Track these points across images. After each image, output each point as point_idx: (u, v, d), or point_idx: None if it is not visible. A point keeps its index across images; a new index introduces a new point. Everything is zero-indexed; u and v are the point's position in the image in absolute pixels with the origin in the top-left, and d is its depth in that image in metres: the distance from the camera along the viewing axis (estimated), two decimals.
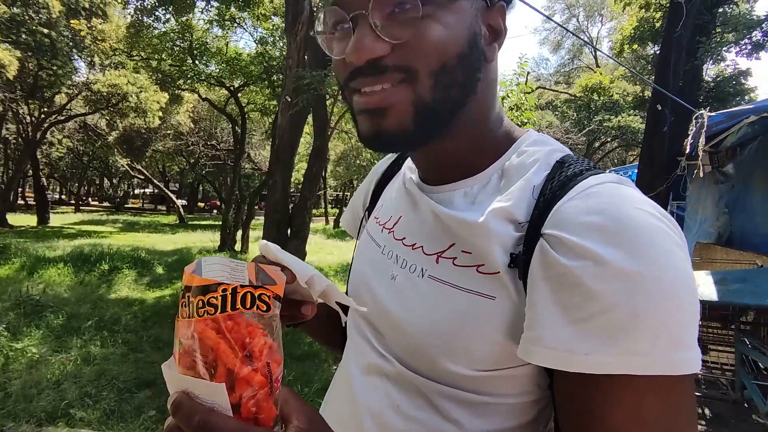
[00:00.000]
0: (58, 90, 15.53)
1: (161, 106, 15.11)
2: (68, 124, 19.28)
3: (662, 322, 0.38)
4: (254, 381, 0.37)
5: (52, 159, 24.18)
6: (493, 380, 0.49)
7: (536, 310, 0.43)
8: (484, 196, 0.53)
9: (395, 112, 0.48)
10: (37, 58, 13.25)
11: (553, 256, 0.43)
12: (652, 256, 0.39)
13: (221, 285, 0.37)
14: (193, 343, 0.36)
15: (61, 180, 33.05)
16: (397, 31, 0.46)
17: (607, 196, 0.44)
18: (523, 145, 0.56)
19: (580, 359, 0.40)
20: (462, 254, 0.51)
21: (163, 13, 9.88)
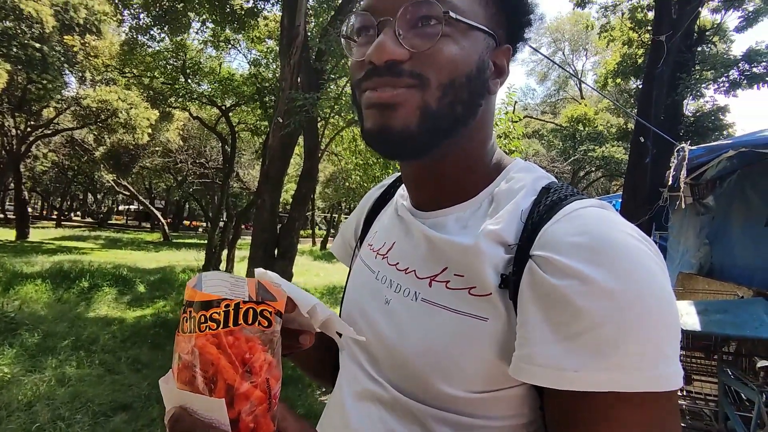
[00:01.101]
0: (47, 104, 15.42)
1: (151, 123, 15.07)
2: (54, 139, 19.09)
3: (647, 337, 0.40)
4: (253, 396, 0.37)
5: (35, 173, 23.78)
6: (486, 402, 0.49)
7: (526, 328, 0.45)
8: (475, 221, 0.56)
9: (402, 110, 0.51)
10: (27, 72, 13.19)
11: (541, 275, 0.45)
12: (634, 274, 0.42)
13: (224, 300, 0.38)
14: (193, 357, 0.37)
15: (43, 194, 32.39)
16: (418, 41, 0.51)
17: (591, 218, 0.47)
18: (512, 172, 0.59)
19: (570, 376, 0.41)
20: (455, 277, 0.53)
21: (158, 32, 9.97)
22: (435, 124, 0.52)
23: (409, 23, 0.51)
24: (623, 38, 9.56)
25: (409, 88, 0.51)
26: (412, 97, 0.51)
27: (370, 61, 0.51)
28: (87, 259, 10.99)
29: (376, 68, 0.51)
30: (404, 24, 0.51)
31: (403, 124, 0.51)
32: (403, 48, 0.50)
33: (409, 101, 0.51)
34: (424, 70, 0.50)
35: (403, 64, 0.50)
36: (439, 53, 0.50)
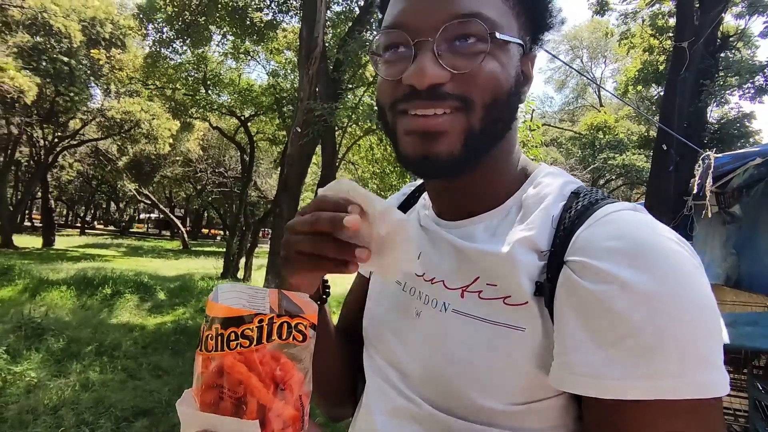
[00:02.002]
0: (73, 115, 15.92)
1: (172, 134, 15.42)
2: (80, 149, 19.65)
3: (688, 342, 0.39)
4: (286, 416, 0.36)
5: (61, 182, 24.50)
6: (526, 414, 0.48)
7: (564, 336, 0.44)
8: (503, 228, 0.54)
9: (448, 137, 0.50)
10: (56, 85, 13.66)
11: (577, 281, 0.44)
12: (673, 277, 0.40)
13: (258, 315, 0.36)
14: (220, 378, 0.35)
15: (68, 203, 33.32)
16: (459, 61, 0.49)
17: (626, 222, 0.46)
18: (539, 177, 0.58)
19: (612, 384, 0.40)
20: (487, 287, 0.52)
21: (180, 45, 10.23)
22: (478, 145, 0.51)
23: (449, 42, 0.49)
24: (644, 45, 9.44)
25: (453, 111, 0.49)
26: (457, 121, 0.49)
27: (410, 84, 0.49)
28: (110, 267, 11.24)
29: (417, 91, 0.49)
30: (444, 43, 0.49)
31: (448, 150, 0.50)
32: (445, 70, 0.48)
33: (455, 127, 0.49)
34: (467, 91, 0.49)
35: (444, 86, 0.49)
36: (481, 73, 0.49)
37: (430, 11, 0.49)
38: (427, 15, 0.49)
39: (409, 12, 0.50)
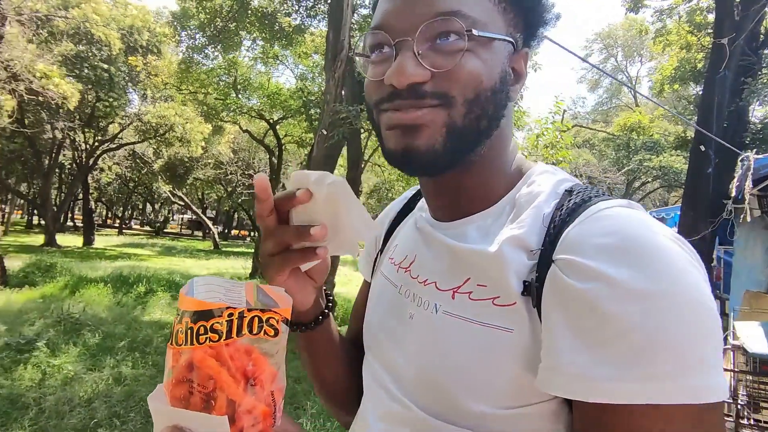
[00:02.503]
0: (112, 120, 16.62)
1: (204, 137, 15.87)
2: (118, 152, 20.47)
3: (683, 343, 0.37)
4: (257, 412, 0.35)
5: (101, 184, 25.59)
6: (517, 418, 0.47)
7: (552, 337, 0.42)
8: (496, 228, 0.53)
9: (428, 130, 0.50)
10: (96, 91, 14.29)
11: (564, 280, 0.42)
12: (666, 275, 0.38)
13: (227, 309, 0.35)
14: (190, 372, 0.34)
15: (107, 204, 34.78)
16: (439, 60, 0.48)
17: (617, 218, 0.44)
18: (533, 176, 0.57)
19: (601, 387, 0.38)
20: (477, 288, 0.51)
21: (212, 50, 10.53)
22: (461, 141, 0.51)
23: (429, 41, 0.49)
24: (681, 42, 9.08)
25: (434, 108, 0.49)
26: (438, 116, 0.49)
27: (390, 84, 0.49)
28: (144, 266, 11.64)
29: (398, 91, 0.49)
30: (423, 43, 0.49)
31: (429, 143, 0.50)
32: (425, 69, 0.48)
33: (435, 121, 0.49)
34: (448, 88, 0.49)
35: (425, 85, 0.49)
36: (462, 70, 0.48)
37: (410, 11, 0.49)
38: (407, 15, 0.49)
39: (391, 13, 0.51)
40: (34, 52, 10.59)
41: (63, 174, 23.95)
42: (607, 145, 19.19)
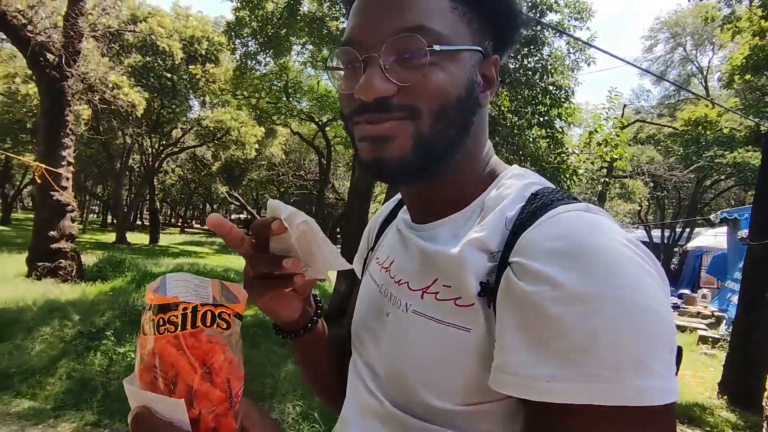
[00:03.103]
0: (175, 125, 17.71)
1: (258, 139, 16.53)
2: (180, 155, 21.81)
3: (625, 346, 0.37)
4: (213, 396, 0.38)
5: (165, 185, 27.37)
6: (475, 415, 0.48)
7: (501, 337, 0.44)
8: (466, 230, 0.55)
9: (396, 141, 0.51)
10: (161, 99, 15.30)
11: (515, 282, 0.43)
12: (613, 279, 0.39)
13: (182, 303, 0.38)
14: (154, 359, 0.37)
15: (171, 204, 37.10)
16: (405, 74, 0.50)
17: (570, 222, 0.45)
18: (503, 179, 0.58)
19: (543, 386, 0.39)
20: (443, 288, 0.53)
21: (264, 56, 10.94)
22: (429, 150, 0.52)
23: (395, 56, 0.50)
24: (753, 29, 8.28)
25: (401, 120, 0.51)
26: (405, 128, 0.51)
27: (359, 98, 0.51)
28: (203, 263, 12.30)
29: (367, 104, 0.51)
30: (389, 57, 0.50)
31: (398, 154, 0.52)
32: (391, 83, 0.50)
33: (402, 132, 0.51)
34: (413, 101, 0.51)
35: (392, 98, 0.51)
36: (427, 83, 0.50)
37: (376, 27, 0.51)
38: (373, 31, 0.51)
39: (358, 28, 0.52)
40: (106, 64, 11.48)
41: (132, 176, 25.84)
42: (674, 141, 17.94)
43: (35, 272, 7.26)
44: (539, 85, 6.77)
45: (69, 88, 7.63)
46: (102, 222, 32.18)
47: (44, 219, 7.54)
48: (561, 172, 6.70)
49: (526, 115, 6.81)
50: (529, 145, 6.65)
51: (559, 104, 6.82)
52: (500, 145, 6.63)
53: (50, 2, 9.08)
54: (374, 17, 0.51)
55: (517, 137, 6.61)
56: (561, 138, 7.01)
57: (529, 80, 6.77)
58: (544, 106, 6.86)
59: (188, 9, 18.38)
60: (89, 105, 11.94)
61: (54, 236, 7.44)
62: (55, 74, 7.45)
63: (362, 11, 0.53)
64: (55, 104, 7.53)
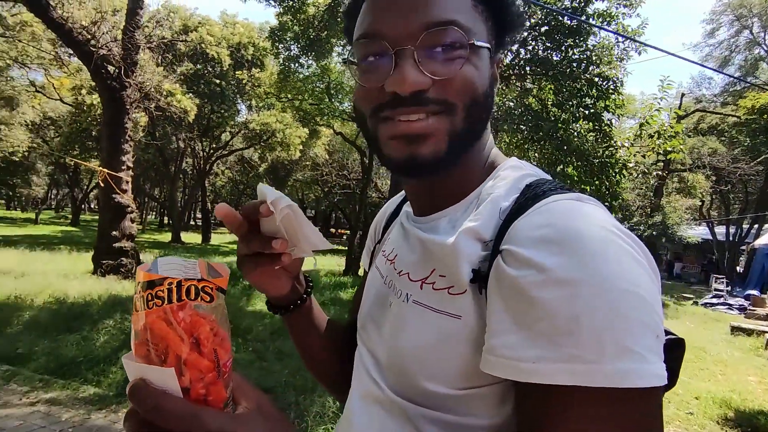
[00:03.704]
0: (224, 129, 18.49)
1: (302, 140, 16.94)
2: (230, 158, 22.72)
3: (607, 329, 0.38)
4: (201, 366, 0.40)
5: (216, 187, 28.61)
6: (470, 399, 0.49)
7: (491, 321, 0.45)
8: (462, 221, 0.55)
9: (434, 139, 0.52)
10: (211, 104, 16.01)
11: (504, 268, 0.45)
12: (596, 264, 0.40)
13: (167, 279, 0.41)
14: (146, 334, 0.40)
15: None
16: (439, 68, 0.51)
17: (559, 210, 0.46)
18: (500, 170, 0.59)
19: (528, 367, 0.40)
20: (439, 278, 0.54)
21: (306, 59, 11.19)
22: (460, 145, 0.54)
23: (429, 49, 0.51)
24: None
25: (437, 114, 0.52)
26: (442, 124, 0.52)
27: (393, 91, 0.51)
28: None
29: (401, 98, 0.51)
30: (424, 51, 0.51)
31: (434, 151, 0.52)
32: (426, 76, 0.50)
33: (440, 129, 0.52)
34: (449, 95, 0.51)
35: (427, 92, 0.51)
36: (461, 78, 0.51)
37: (407, 20, 0.51)
38: (404, 23, 0.51)
39: (386, 21, 0.52)
40: (161, 73, 12.16)
41: (185, 179, 27.19)
42: (740, 131, 16.69)
43: (100, 269, 7.82)
44: (584, 76, 6.51)
45: (128, 98, 8.15)
46: (159, 223, 34.09)
47: (107, 220, 8.10)
48: (609, 166, 6.41)
49: (571, 108, 6.57)
50: (574, 140, 6.41)
51: (606, 96, 6.53)
52: (543, 140, 6.43)
53: (111, 18, 9.73)
54: (402, 10, 0.51)
55: (561, 131, 6.39)
56: (609, 131, 6.71)
57: (573, 72, 6.52)
58: (590, 99, 6.59)
59: (235, 16, 19.11)
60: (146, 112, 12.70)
61: (116, 236, 7.98)
62: (115, 85, 7.98)
63: (387, 4, 0.52)
64: (116, 113, 8.07)
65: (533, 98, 7.29)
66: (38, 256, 10.33)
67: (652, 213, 19.38)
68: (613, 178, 6.38)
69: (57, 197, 48.32)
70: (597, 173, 6.40)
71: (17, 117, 20.81)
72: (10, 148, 20.91)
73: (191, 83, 15.01)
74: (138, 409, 0.38)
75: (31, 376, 3.87)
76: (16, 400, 3.47)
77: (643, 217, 20.18)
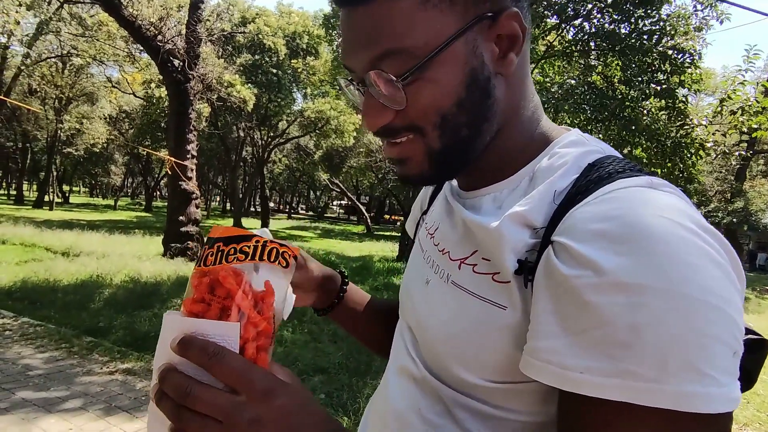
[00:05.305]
0: (281, 118, 19.03)
1: (356, 127, 17.08)
2: (286, 146, 23.42)
3: (673, 345, 0.33)
4: (261, 327, 0.40)
5: (274, 174, 29.68)
6: (507, 393, 0.47)
7: (536, 320, 0.41)
8: (511, 201, 0.51)
9: (413, 162, 0.52)
10: (268, 94, 16.51)
11: (555, 264, 0.40)
12: (665, 267, 0.34)
13: (255, 237, 0.42)
14: (210, 291, 0.40)
15: (279, 192, 40.15)
16: (395, 99, 0.48)
17: (626, 200, 0.40)
18: (557, 146, 0.52)
19: (575, 377, 0.36)
20: (482, 261, 0.51)
21: None
22: (447, 160, 0.51)
23: (380, 81, 0.48)
24: None
25: (411, 139, 0.50)
26: (416, 147, 0.50)
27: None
28: (307, 246, 13.18)
29: (375, 132, 0.52)
30: (376, 84, 0.48)
31: (418, 172, 0.52)
32: (387, 109, 0.49)
33: (415, 152, 0.51)
34: (413, 121, 0.49)
35: (393, 122, 0.49)
36: (417, 103, 0.47)
37: (355, 56, 0.49)
38: (354, 60, 0.49)
39: (344, 55, 0.51)
40: (221, 65, 12.67)
41: (245, 167, 28.40)
42: None
43: (169, 252, 8.38)
44: (657, 50, 5.98)
45: (191, 89, 8.57)
46: (222, 209, 35.97)
47: (175, 206, 8.63)
48: (684, 147, 5.89)
49: (641, 85, 6.08)
50: (644, 119, 5.95)
51: (681, 70, 5.98)
52: (608, 120, 6.02)
53: (176, 13, 10.24)
54: (351, 44, 0.49)
55: (629, 110, 5.94)
56: (684, 108, 6.16)
57: (643, 45, 6.01)
58: (663, 74, 6.06)
59: (290, 5, 19.47)
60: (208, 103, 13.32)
61: (182, 221, 8.49)
62: (179, 77, 8.42)
63: (342, 36, 0.51)
64: (180, 104, 8.52)
65: (597, 75, 6.84)
66: (116, 239, 11.26)
67: (732, 198, 17.79)
68: (688, 159, 5.87)
69: (132, 185, 52.39)
70: (669, 155, 5.92)
71: (97, 111, 22.66)
72: (92, 140, 22.84)
73: (249, 74, 15.54)
74: (196, 357, 0.38)
75: (111, 348, 4.24)
76: (97, 368, 3.81)
77: (721, 203, 18.60)
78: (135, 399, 3.32)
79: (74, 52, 17.53)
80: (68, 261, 7.75)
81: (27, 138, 24.27)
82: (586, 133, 0.56)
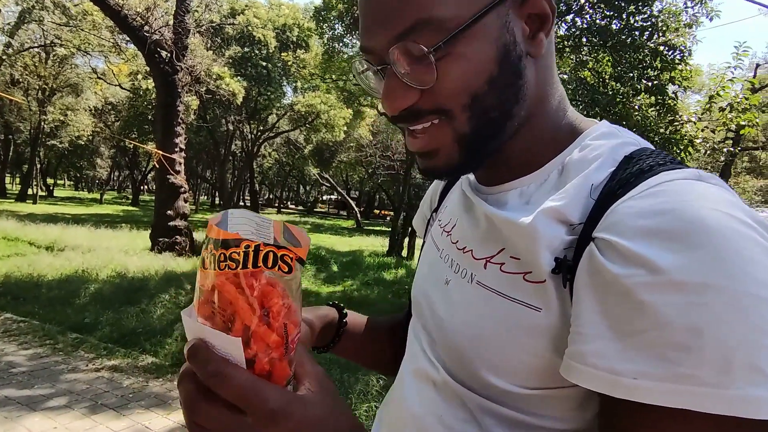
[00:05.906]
0: (270, 111, 18.87)
1: (346, 122, 17.00)
2: (276, 140, 23.25)
3: (737, 346, 0.31)
4: (270, 340, 0.36)
5: (263, 168, 29.45)
6: (540, 400, 0.44)
7: (580, 322, 0.38)
8: (539, 195, 0.48)
9: (441, 152, 0.49)
10: (257, 87, 16.34)
11: (601, 262, 0.37)
12: (724, 264, 0.32)
13: (244, 241, 0.37)
14: (213, 295, 0.36)
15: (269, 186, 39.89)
16: (422, 76, 0.45)
17: (676, 194, 0.37)
18: (588, 138, 0.50)
19: (627, 383, 0.33)
20: (510, 260, 0.47)
21: (351, 38, 11.11)
22: (476, 144, 0.48)
23: (407, 59, 0.45)
24: None
25: (437, 124, 0.47)
26: (444, 133, 0.47)
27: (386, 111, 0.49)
28: None
29: (396, 115, 0.48)
30: (402, 62, 0.45)
31: (447, 163, 0.49)
32: (412, 89, 0.46)
33: (444, 140, 0.48)
34: (440, 103, 0.46)
35: (417, 104, 0.46)
36: (446, 81, 0.44)
37: (378, 33, 0.46)
38: (377, 38, 0.46)
39: (364, 35, 0.48)
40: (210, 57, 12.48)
41: (234, 161, 28.14)
42: None
43: (157, 246, 8.26)
44: (648, 46, 6.01)
45: (179, 81, 8.42)
46: (211, 203, 35.61)
47: (162, 200, 8.50)
48: (673, 143, 5.94)
49: (632, 80, 6.11)
50: (635, 115, 5.98)
51: (671, 67, 6.01)
52: (600, 116, 6.04)
53: (163, 3, 10.03)
54: (374, 21, 0.46)
55: (620, 106, 5.97)
56: (674, 105, 6.20)
57: (635, 41, 6.04)
58: (653, 70, 6.09)
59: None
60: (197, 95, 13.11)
61: (170, 215, 8.37)
62: (167, 69, 8.26)
63: (363, 15, 0.47)
64: (168, 96, 8.37)
65: (589, 71, 6.85)
66: (103, 233, 11.07)
67: None
68: (677, 156, 5.91)
69: (119, 178, 51.60)
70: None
71: (82, 103, 22.22)
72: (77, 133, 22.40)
73: (239, 66, 15.36)
74: (197, 371, 0.35)
75: (96, 344, 4.16)
76: (83, 365, 3.73)
77: None
78: (121, 397, 3.26)
79: (58, 41, 17.15)
80: (53, 255, 7.59)
81: (9, 129, 23.73)
82: None
